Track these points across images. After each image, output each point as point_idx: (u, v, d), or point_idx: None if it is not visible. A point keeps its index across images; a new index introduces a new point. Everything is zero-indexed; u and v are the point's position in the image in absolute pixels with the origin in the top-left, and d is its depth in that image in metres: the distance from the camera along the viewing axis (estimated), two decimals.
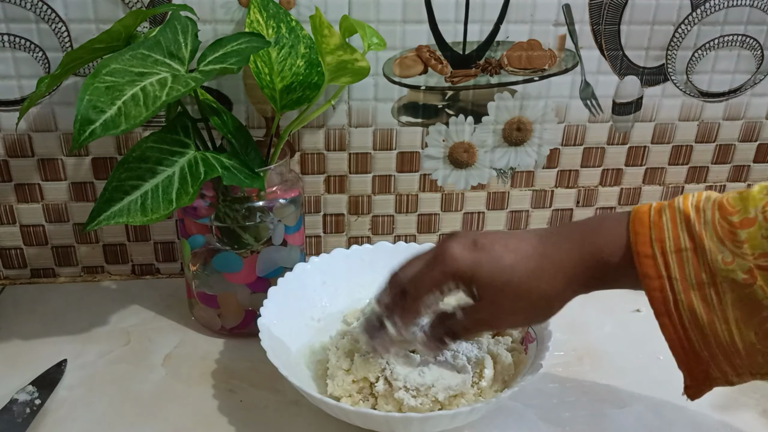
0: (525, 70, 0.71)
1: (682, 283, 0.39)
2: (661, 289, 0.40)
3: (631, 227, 0.42)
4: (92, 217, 0.51)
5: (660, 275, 0.40)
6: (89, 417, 0.56)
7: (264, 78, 0.62)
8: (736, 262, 0.38)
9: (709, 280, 0.39)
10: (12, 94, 0.66)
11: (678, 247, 0.40)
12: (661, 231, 0.41)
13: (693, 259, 0.39)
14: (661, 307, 0.40)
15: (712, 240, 0.39)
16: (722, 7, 0.71)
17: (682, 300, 0.40)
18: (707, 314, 0.39)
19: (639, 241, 0.41)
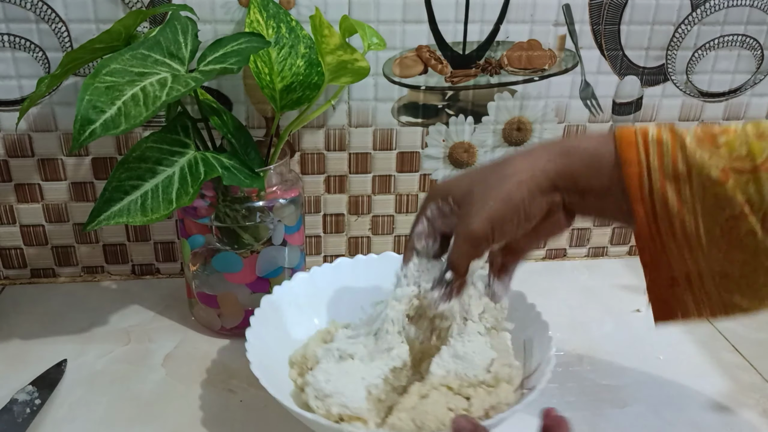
0: (525, 70, 0.71)
1: (660, 171, 0.41)
2: (639, 176, 0.42)
3: (617, 128, 0.44)
4: (92, 217, 0.51)
5: (639, 161, 0.41)
6: (89, 417, 0.56)
7: (264, 78, 0.62)
8: (712, 160, 0.40)
9: (685, 173, 0.41)
10: (12, 94, 0.66)
11: (660, 139, 0.42)
12: (645, 128, 0.43)
13: (672, 150, 0.41)
14: (637, 193, 0.42)
15: (692, 139, 0.41)
16: (722, 7, 0.71)
17: (657, 189, 0.41)
18: (678, 205, 0.41)
19: (623, 132, 0.43)
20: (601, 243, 0.83)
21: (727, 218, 0.40)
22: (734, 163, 0.40)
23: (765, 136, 0.40)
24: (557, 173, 0.44)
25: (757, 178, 0.39)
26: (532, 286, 0.61)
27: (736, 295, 0.42)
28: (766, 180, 0.39)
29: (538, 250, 0.82)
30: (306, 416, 0.46)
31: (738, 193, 0.39)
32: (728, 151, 0.40)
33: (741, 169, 0.40)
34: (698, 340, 0.67)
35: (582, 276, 0.80)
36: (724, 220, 0.40)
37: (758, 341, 0.67)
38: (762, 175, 0.39)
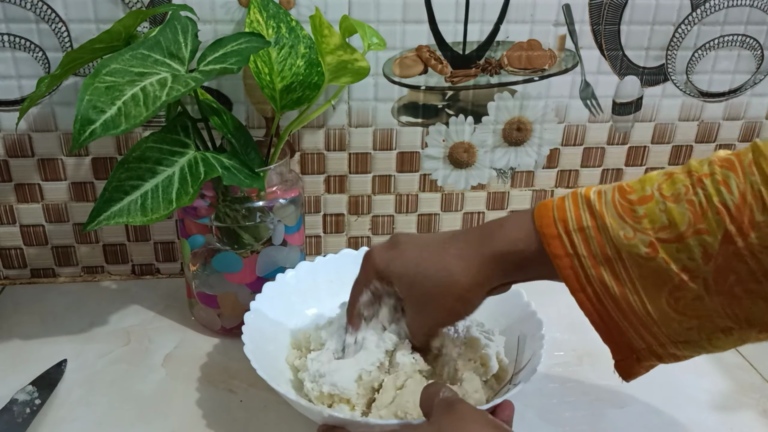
0: (525, 70, 0.71)
1: (590, 259, 0.40)
2: (571, 267, 0.41)
3: (536, 213, 0.43)
4: (92, 217, 0.51)
5: (568, 253, 0.41)
6: (89, 417, 0.56)
7: (264, 78, 0.62)
8: (637, 236, 0.39)
9: (615, 255, 0.40)
10: (12, 94, 0.66)
11: (581, 225, 0.41)
12: (563, 212, 0.42)
13: (596, 235, 0.40)
14: (575, 284, 0.41)
15: (612, 217, 0.40)
16: (722, 7, 0.71)
17: (592, 275, 0.41)
18: (618, 287, 0.40)
19: (544, 224, 0.42)
20: None
21: (670, 290, 0.39)
22: (659, 234, 0.38)
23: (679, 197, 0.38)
24: (497, 279, 0.45)
25: (686, 246, 0.38)
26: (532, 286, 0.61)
27: (701, 351, 0.42)
28: (694, 245, 0.37)
29: None
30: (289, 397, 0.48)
31: (672, 263, 0.38)
32: (650, 222, 0.39)
33: (666, 239, 0.38)
34: None
35: None
36: (668, 293, 0.39)
37: None
38: (690, 242, 0.38)
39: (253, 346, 0.53)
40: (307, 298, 0.63)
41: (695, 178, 0.38)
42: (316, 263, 0.64)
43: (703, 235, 0.37)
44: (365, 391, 0.51)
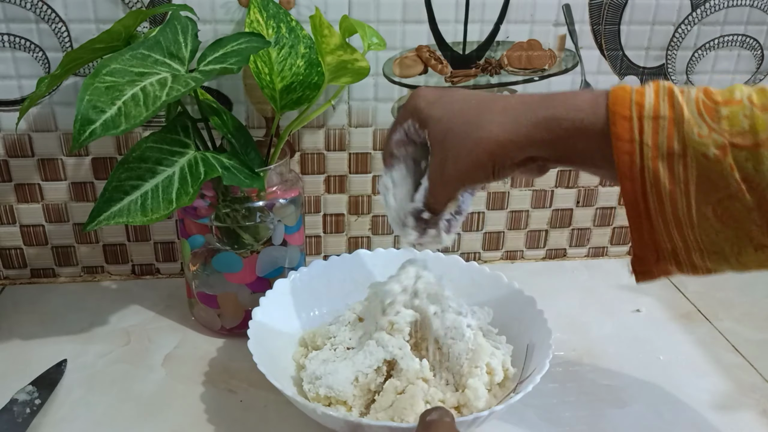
0: (525, 70, 0.71)
1: (653, 150, 0.39)
2: (630, 153, 0.39)
3: (611, 92, 0.41)
4: (92, 217, 0.51)
5: (632, 139, 0.39)
6: (89, 417, 0.56)
7: (264, 78, 0.62)
8: (712, 136, 0.38)
9: (680, 152, 0.39)
10: (12, 94, 0.66)
11: (657, 114, 0.39)
12: (642, 96, 0.40)
13: (669, 127, 0.39)
14: (627, 171, 0.40)
15: (692, 112, 0.39)
16: (722, 7, 0.71)
17: (649, 167, 0.39)
18: (670, 185, 0.39)
19: (618, 102, 0.40)
20: (601, 243, 0.83)
21: (721, 198, 0.39)
22: (734, 138, 0.37)
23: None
24: (534, 146, 0.42)
25: (757, 155, 0.37)
26: (532, 286, 0.61)
27: (723, 266, 0.41)
28: (766, 157, 0.37)
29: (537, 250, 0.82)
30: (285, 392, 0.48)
31: (736, 170, 0.37)
32: (729, 125, 0.38)
33: (741, 145, 0.37)
34: (698, 340, 0.67)
35: (582, 276, 0.80)
36: (717, 200, 0.39)
37: (758, 341, 0.67)
38: (763, 152, 0.37)
39: (258, 342, 0.53)
40: (320, 296, 0.63)
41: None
42: (330, 262, 0.64)
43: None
44: (362, 393, 0.51)
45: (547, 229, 0.81)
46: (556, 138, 0.42)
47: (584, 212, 0.81)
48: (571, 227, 0.81)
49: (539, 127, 0.42)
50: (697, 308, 0.73)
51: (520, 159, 0.44)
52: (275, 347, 0.57)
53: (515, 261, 0.82)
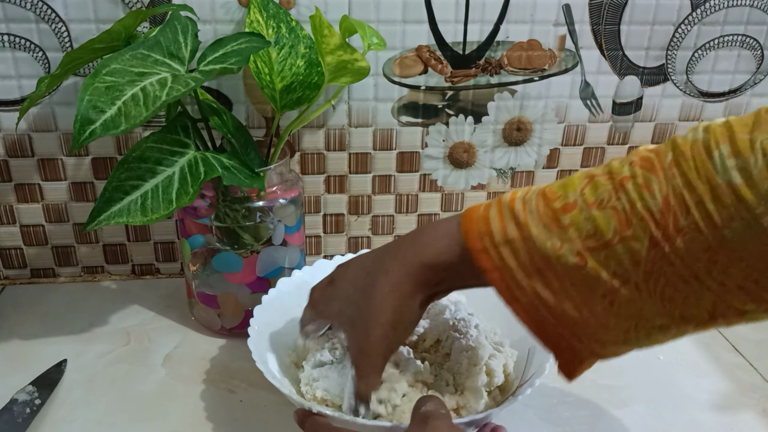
0: (525, 70, 0.71)
1: (521, 270, 0.39)
2: (502, 279, 0.40)
3: (462, 225, 0.42)
4: (92, 217, 0.51)
5: (497, 266, 0.40)
6: (89, 417, 0.56)
7: (264, 78, 0.62)
8: (565, 246, 0.38)
9: (544, 266, 0.39)
10: (12, 94, 0.66)
11: (506, 238, 0.40)
12: (488, 224, 0.41)
13: (523, 248, 0.39)
14: (508, 296, 0.40)
15: (538, 228, 0.39)
16: (722, 7, 0.71)
17: (526, 286, 0.40)
18: (551, 296, 0.39)
19: (470, 237, 0.41)
20: None
21: (603, 295, 0.38)
22: (586, 242, 0.38)
23: (603, 204, 0.37)
24: (422, 289, 0.44)
25: (614, 253, 0.37)
26: None
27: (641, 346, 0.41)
28: (622, 252, 0.37)
29: None
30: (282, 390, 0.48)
31: (601, 271, 0.37)
32: (576, 231, 0.38)
33: (594, 247, 0.37)
34: (698, 340, 0.67)
35: None
36: (601, 298, 0.38)
37: (758, 341, 0.67)
38: (617, 249, 0.37)
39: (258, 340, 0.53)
40: None
41: (617, 181, 0.37)
42: (333, 262, 0.64)
43: (629, 241, 0.36)
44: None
45: None
46: (439, 280, 0.44)
47: None
48: None
49: (420, 275, 0.43)
50: None
51: (417, 307, 0.45)
52: (275, 346, 0.57)
53: None
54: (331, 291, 0.49)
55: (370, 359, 0.46)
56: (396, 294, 0.44)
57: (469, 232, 0.41)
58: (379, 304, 0.44)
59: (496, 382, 0.52)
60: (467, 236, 0.41)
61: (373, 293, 0.44)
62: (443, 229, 0.43)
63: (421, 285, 0.44)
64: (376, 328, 0.44)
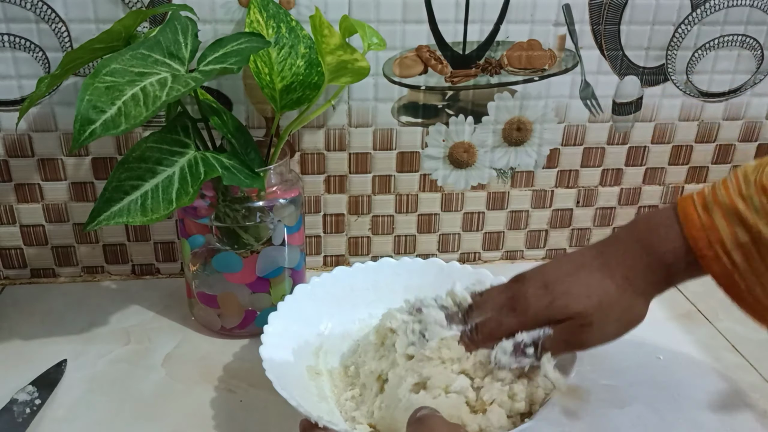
0: (525, 70, 0.71)
1: (749, 274, 0.41)
2: (732, 284, 0.42)
3: (687, 233, 0.43)
4: (92, 217, 0.51)
5: (729, 273, 0.42)
6: (89, 417, 0.56)
7: (264, 78, 0.62)
8: None
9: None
10: (12, 94, 0.66)
11: (738, 243, 0.41)
12: (716, 232, 0.42)
13: (754, 250, 0.41)
14: (735, 295, 0.42)
15: (766, 227, 0.40)
16: (722, 7, 0.71)
17: (753, 286, 0.41)
18: None
19: (699, 246, 0.43)
20: None
21: None
22: None
23: None
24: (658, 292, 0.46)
25: None
26: None
27: None
28: None
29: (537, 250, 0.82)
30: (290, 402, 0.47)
31: None
32: None
33: None
34: (698, 340, 0.67)
35: None
36: None
37: (758, 341, 0.67)
38: None
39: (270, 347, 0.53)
40: (341, 304, 0.62)
41: None
42: (354, 270, 0.63)
43: None
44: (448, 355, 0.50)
45: (547, 229, 0.81)
46: (672, 280, 0.46)
47: (584, 212, 0.81)
48: (571, 227, 0.81)
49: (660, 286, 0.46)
50: (697, 308, 0.73)
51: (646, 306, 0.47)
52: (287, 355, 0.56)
53: (515, 261, 0.82)
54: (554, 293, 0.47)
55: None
56: (646, 307, 0.46)
57: (697, 240, 0.43)
58: (634, 319, 0.46)
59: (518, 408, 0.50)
60: (696, 244, 0.43)
61: (629, 309, 0.46)
62: (666, 234, 0.45)
63: (652, 289, 0.46)
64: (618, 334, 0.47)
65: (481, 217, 0.79)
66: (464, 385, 0.49)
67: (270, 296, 0.65)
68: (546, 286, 0.47)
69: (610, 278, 0.46)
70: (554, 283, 0.47)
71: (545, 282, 0.47)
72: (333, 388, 0.56)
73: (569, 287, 0.46)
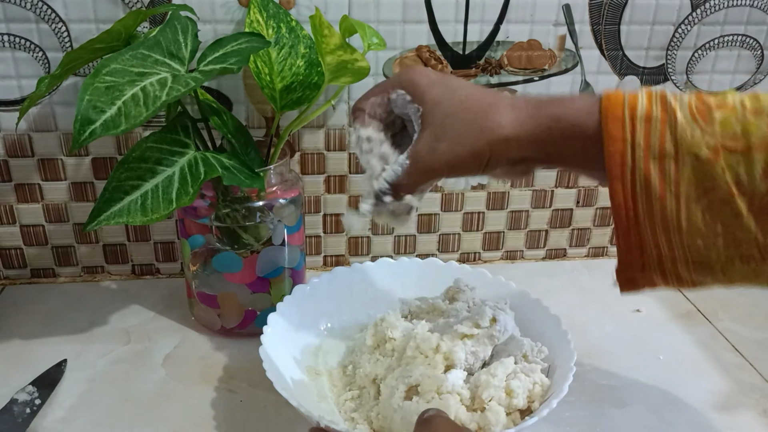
0: (525, 70, 0.71)
1: (644, 150, 0.39)
2: (621, 154, 0.40)
3: (605, 93, 0.42)
4: (92, 217, 0.51)
5: (624, 139, 0.40)
6: (89, 417, 0.56)
7: (264, 78, 0.62)
8: (704, 138, 0.38)
9: (672, 152, 0.39)
10: (12, 94, 0.66)
11: (649, 116, 0.40)
12: (635, 99, 0.41)
13: (661, 128, 0.39)
14: (617, 171, 0.40)
15: (684, 116, 0.39)
16: (722, 7, 0.71)
17: (640, 168, 0.40)
18: (660, 186, 0.39)
19: (611, 104, 0.41)
20: (601, 243, 0.83)
21: (712, 201, 0.39)
22: (726, 141, 0.38)
23: (762, 113, 0.38)
24: (533, 144, 0.43)
25: (749, 159, 0.38)
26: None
27: (708, 278, 0.41)
28: (758, 161, 0.37)
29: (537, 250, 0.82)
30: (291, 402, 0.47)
31: (727, 173, 0.38)
32: (722, 128, 0.38)
33: (733, 148, 0.38)
34: (698, 340, 0.67)
35: (582, 276, 0.80)
36: (708, 204, 0.39)
37: (758, 341, 0.67)
38: (755, 156, 0.38)
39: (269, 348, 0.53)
40: (340, 304, 0.63)
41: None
42: (352, 269, 0.64)
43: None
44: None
45: (547, 229, 0.81)
46: (554, 139, 0.42)
47: (584, 212, 0.81)
48: (571, 227, 0.81)
49: (541, 126, 0.42)
50: (697, 308, 0.73)
51: (516, 157, 0.44)
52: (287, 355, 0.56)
53: (515, 261, 0.82)
54: (442, 78, 0.46)
55: (430, 165, 0.44)
56: (511, 128, 0.43)
57: (611, 99, 0.41)
58: (491, 120, 0.43)
59: (516, 404, 0.50)
60: (608, 102, 0.41)
61: (492, 108, 0.43)
62: (581, 96, 0.43)
63: (537, 137, 0.42)
64: (470, 138, 0.43)
65: (481, 217, 0.79)
66: (456, 384, 0.50)
67: (270, 296, 0.65)
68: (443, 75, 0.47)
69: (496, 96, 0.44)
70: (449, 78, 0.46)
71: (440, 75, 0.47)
72: (332, 388, 0.56)
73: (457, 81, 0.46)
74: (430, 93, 0.45)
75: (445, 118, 0.44)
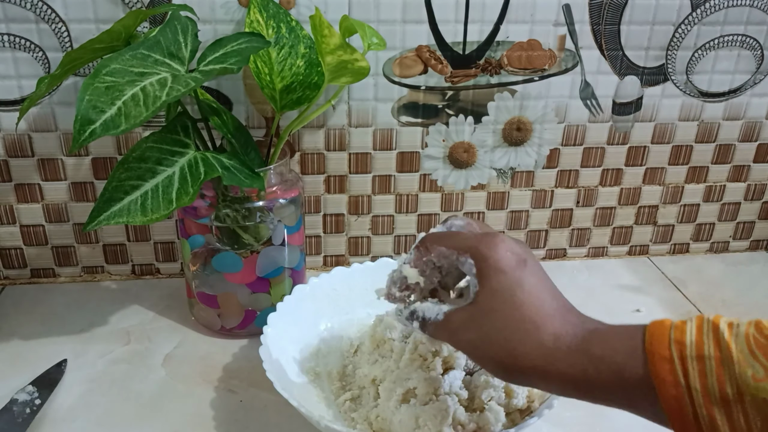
0: (525, 70, 0.71)
1: (704, 396, 0.34)
2: (678, 399, 0.35)
3: (648, 328, 0.37)
4: (92, 217, 0.51)
5: (677, 383, 0.35)
6: (89, 417, 0.56)
7: (264, 78, 0.62)
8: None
9: (735, 397, 0.33)
10: (12, 94, 0.66)
11: (701, 354, 0.35)
12: (682, 333, 0.36)
13: (717, 369, 0.34)
14: (678, 417, 0.35)
15: (741, 352, 0.34)
16: (722, 7, 0.71)
17: (703, 414, 0.34)
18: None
19: (654, 341, 0.36)
20: (601, 243, 0.83)
21: None
22: None
23: None
24: (575, 382, 0.39)
25: None
26: None
27: None
28: None
29: (537, 250, 0.82)
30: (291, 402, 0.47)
31: None
32: None
33: None
34: None
35: (582, 276, 0.80)
36: None
37: None
38: None
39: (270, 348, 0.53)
40: (339, 304, 0.63)
41: None
42: (352, 270, 0.64)
43: None
44: None
45: (547, 229, 0.81)
46: (596, 382, 0.38)
47: (584, 212, 0.81)
48: (571, 227, 0.81)
49: (575, 367, 0.38)
50: (697, 308, 0.73)
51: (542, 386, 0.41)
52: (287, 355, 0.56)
53: None
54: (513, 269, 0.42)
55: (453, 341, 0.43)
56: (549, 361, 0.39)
57: (655, 335, 0.36)
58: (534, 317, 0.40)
59: (516, 405, 0.50)
60: (652, 339, 0.36)
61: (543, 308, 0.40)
62: (624, 329, 0.38)
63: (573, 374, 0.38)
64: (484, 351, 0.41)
65: (481, 217, 0.79)
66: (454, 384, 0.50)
67: (270, 296, 0.65)
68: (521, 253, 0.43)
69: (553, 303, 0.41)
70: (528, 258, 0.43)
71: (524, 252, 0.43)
72: (332, 388, 0.56)
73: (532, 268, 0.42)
74: (495, 279, 0.42)
75: (491, 311, 0.41)
